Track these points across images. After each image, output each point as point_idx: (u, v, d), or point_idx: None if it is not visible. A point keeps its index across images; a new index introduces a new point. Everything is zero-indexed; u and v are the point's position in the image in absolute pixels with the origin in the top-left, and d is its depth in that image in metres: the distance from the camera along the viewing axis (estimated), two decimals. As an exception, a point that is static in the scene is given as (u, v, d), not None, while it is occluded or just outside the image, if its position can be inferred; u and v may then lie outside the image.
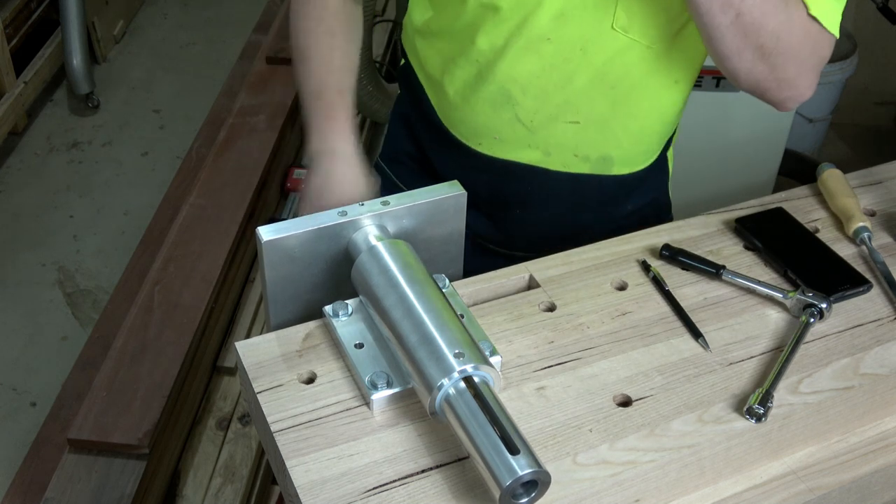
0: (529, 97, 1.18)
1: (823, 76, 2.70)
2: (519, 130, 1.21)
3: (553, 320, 1.01)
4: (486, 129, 1.23)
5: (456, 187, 1.03)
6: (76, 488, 1.76)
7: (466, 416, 0.81)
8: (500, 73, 1.16)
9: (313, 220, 0.97)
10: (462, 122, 1.25)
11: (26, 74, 3.08)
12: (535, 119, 1.19)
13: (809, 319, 1.01)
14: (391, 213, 1.00)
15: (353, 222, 0.98)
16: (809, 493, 0.87)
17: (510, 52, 1.14)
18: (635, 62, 1.15)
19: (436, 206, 1.03)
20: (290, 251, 0.96)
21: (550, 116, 1.19)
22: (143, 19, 3.85)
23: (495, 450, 0.77)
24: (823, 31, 1.05)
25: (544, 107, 1.18)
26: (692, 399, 0.93)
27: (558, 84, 1.16)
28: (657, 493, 0.85)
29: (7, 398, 2.31)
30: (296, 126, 2.96)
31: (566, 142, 1.21)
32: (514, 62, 1.15)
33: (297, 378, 0.92)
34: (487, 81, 1.18)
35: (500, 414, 0.80)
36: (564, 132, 1.20)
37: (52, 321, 2.52)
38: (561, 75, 1.15)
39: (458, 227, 1.06)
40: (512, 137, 1.21)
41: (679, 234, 1.15)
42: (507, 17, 1.12)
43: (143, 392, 1.89)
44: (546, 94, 1.17)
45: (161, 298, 2.13)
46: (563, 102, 1.17)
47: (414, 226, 1.02)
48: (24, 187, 2.98)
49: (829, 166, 1.23)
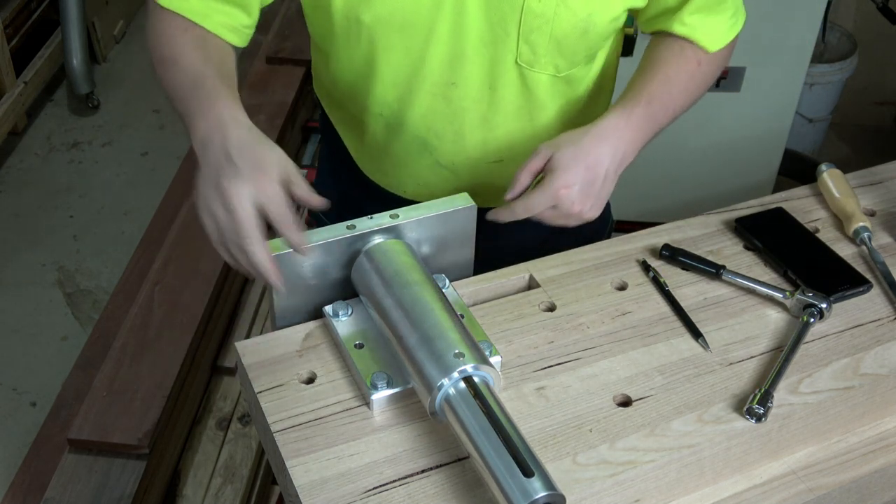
0: (447, 142, 1.14)
1: (823, 76, 2.72)
2: (442, 173, 1.17)
3: (553, 320, 1.01)
4: (409, 177, 1.20)
5: (465, 200, 1.01)
6: (76, 488, 1.76)
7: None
8: (411, 122, 1.13)
9: (320, 234, 0.96)
10: (384, 172, 1.21)
11: (26, 74, 3.08)
12: (456, 162, 1.16)
13: (809, 319, 1.01)
14: (400, 226, 0.99)
15: (360, 235, 0.97)
16: (809, 493, 0.87)
17: (416, 99, 1.10)
18: (548, 91, 1.10)
19: (445, 219, 1.01)
20: (298, 265, 0.95)
21: (472, 158, 1.15)
22: (143, 19, 3.84)
23: (509, 471, 0.76)
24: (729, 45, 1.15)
25: (464, 150, 1.14)
26: (692, 399, 0.93)
27: (473, 126, 1.12)
28: (657, 493, 0.85)
29: (7, 398, 2.31)
30: (296, 126, 2.96)
31: (492, 181, 1.17)
32: (423, 110, 1.11)
33: (297, 378, 0.92)
34: (400, 131, 1.14)
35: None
36: (489, 172, 1.17)
37: (52, 321, 2.52)
38: (474, 117, 1.11)
39: (469, 240, 1.04)
40: (436, 181, 1.18)
41: (679, 234, 1.15)
42: (396, 66, 1.08)
43: (143, 392, 1.89)
44: (463, 137, 1.13)
45: (161, 298, 2.13)
46: (482, 143, 1.14)
47: (423, 239, 1.01)
48: (24, 187, 2.98)
49: (829, 166, 1.23)
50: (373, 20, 1.04)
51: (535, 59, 1.06)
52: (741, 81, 2.37)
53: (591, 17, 1.03)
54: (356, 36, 1.07)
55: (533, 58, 1.06)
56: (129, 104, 3.37)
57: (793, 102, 2.45)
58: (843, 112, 2.98)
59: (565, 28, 1.03)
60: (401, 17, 1.03)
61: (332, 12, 1.05)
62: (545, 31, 1.03)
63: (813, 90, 2.74)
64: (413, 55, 1.07)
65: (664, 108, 1.10)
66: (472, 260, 1.07)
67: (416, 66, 1.07)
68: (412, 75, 1.08)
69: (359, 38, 1.07)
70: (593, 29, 1.04)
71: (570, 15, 1.02)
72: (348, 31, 1.07)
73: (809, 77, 2.63)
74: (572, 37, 1.04)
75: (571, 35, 1.04)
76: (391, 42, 1.06)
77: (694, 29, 1.10)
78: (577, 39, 1.05)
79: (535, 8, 1.01)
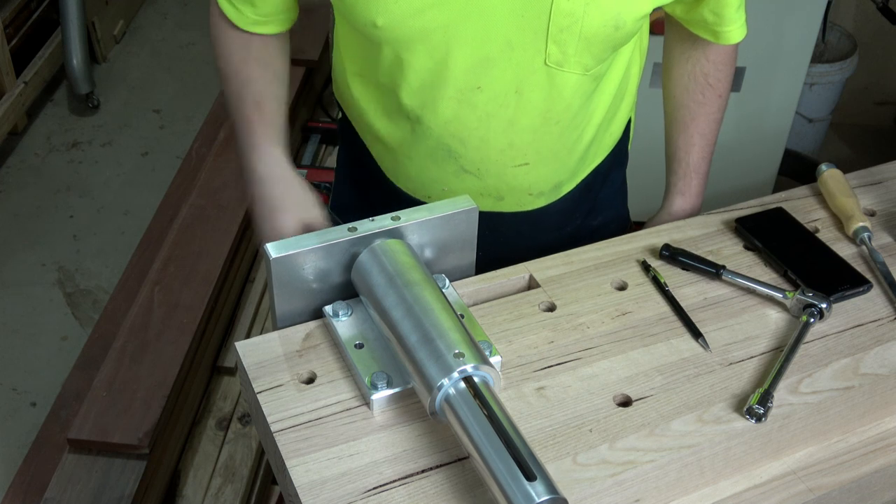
0: (471, 148, 1.13)
1: (823, 76, 2.72)
2: (468, 180, 1.17)
3: (553, 320, 1.01)
4: (432, 183, 1.19)
5: (467, 201, 1.01)
6: (76, 488, 1.76)
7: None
8: (436, 127, 1.11)
9: (322, 237, 0.95)
10: (408, 177, 1.21)
11: (26, 74, 3.08)
12: (481, 168, 1.15)
13: (809, 319, 1.01)
14: (402, 228, 0.98)
15: (362, 238, 0.97)
16: (809, 493, 0.87)
17: (440, 106, 1.09)
18: (575, 91, 1.10)
19: (447, 221, 1.00)
20: (299, 267, 0.95)
21: (497, 163, 1.15)
22: (143, 19, 3.85)
23: (511, 474, 0.76)
24: (735, 50, 1.26)
25: (489, 155, 1.14)
26: (692, 399, 0.93)
27: (499, 131, 1.11)
28: (657, 493, 0.85)
29: (7, 398, 2.31)
30: (296, 126, 2.96)
31: (518, 184, 1.18)
32: (448, 115, 1.10)
33: (297, 378, 0.92)
34: (425, 137, 1.13)
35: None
36: (515, 175, 1.16)
37: (52, 321, 2.52)
38: (500, 122, 1.10)
39: (470, 242, 1.04)
40: (461, 188, 1.17)
41: (679, 234, 1.15)
42: (420, 71, 1.07)
43: (143, 392, 1.89)
44: (487, 142, 1.12)
45: (161, 298, 2.13)
46: (508, 147, 1.13)
47: (425, 241, 1.01)
48: (24, 187, 2.98)
49: (829, 166, 1.23)
50: (387, 24, 1.02)
51: (565, 59, 1.05)
52: (741, 81, 2.37)
53: (620, 16, 1.02)
54: (377, 42, 1.06)
55: (562, 58, 1.05)
56: (129, 104, 3.37)
57: (793, 102, 2.45)
58: (843, 112, 2.98)
59: (595, 26, 1.02)
60: (418, 22, 1.01)
61: (349, 18, 1.05)
62: (575, 30, 1.02)
63: (813, 90, 2.74)
64: (436, 60, 1.05)
65: (706, 159, 1.29)
66: (474, 262, 1.06)
67: (440, 72, 1.06)
68: (436, 81, 1.07)
69: (379, 44, 1.06)
70: (622, 27, 1.03)
71: (600, 13, 1.01)
72: (368, 37, 1.06)
73: (809, 77, 2.63)
74: (601, 35, 1.03)
75: (601, 33, 1.03)
76: (413, 48, 1.04)
77: (721, 18, 1.15)
78: (607, 37, 1.04)
79: (565, 7, 1.00)
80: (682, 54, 1.25)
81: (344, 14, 1.06)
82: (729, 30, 1.17)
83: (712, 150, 1.30)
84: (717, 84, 1.25)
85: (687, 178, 1.29)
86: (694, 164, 1.28)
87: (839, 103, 2.87)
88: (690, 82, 1.25)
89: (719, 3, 1.14)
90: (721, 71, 1.24)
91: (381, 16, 1.01)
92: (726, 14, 1.15)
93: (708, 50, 1.22)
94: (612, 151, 1.27)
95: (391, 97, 1.12)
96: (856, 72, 2.79)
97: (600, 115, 1.18)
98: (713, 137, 1.29)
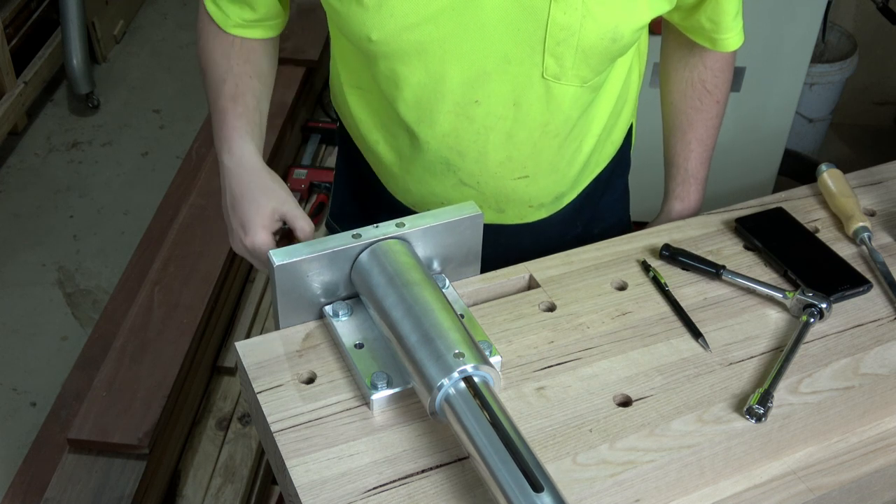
0: (470, 162, 1.12)
1: (823, 76, 2.72)
2: (467, 193, 1.16)
3: (553, 320, 1.01)
4: (432, 196, 1.18)
5: (472, 208, 1.00)
6: (76, 488, 1.76)
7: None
8: (433, 141, 1.11)
9: (326, 244, 0.95)
10: (407, 190, 1.20)
11: (26, 74, 3.08)
12: (480, 181, 1.14)
13: (809, 319, 1.01)
14: (406, 235, 0.98)
15: (365, 245, 0.96)
16: (809, 493, 0.87)
17: (438, 119, 1.08)
18: (573, 103, 1.09)
19: (452, 228, 1.00)
20: (303, 275, 0.95)
21: (496, 176, 1.14)
22: (143, 19, 3.85)
23: (518, 486, 0.76)
24: (733, 58, 1.26)
25: (488, 168, 1.13)
26: (692, 399, 0.93)
27: (497, 144, 1.10)
28: (657, 493, 0.85)
29: (7, 398, 2.31)
30: (296, 126, 2.96)
31: (518, 197, 1.17)
32: (446, 129, 1.09)
33: (297, 378, 0.92)
34: (423, 150, 1.12)
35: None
36: (515, 188, 1.16)
37: (52, 321, 2.52)
38: (498, 135, 1.09)
39: (475, 249, 1.04)
40: (461, 199, 1.15)
41: (679, 234, 1.15)
42: (416, 86, 1.06)
43: (143, 392, 1.89)
44: (486, 156, 1.11)
45: (161, 298, 2.13)
46: (507, 160, 1.12)
47: (429, 248, 1.00)
48: (24, 187, 2.98)
49: (829, 166, 1.23)
50: (382, 39, 1.01)
51: (562, 71, 1.04)
52: (741, 81, 2.37)
53: (617, 28, 1.01)
54: (372, 57, 1.05)
55: (560, 71, 1.04)
56: (129, 104, 3.37)
57: (793, 102, 2.45)
58: (843, 112, 2.98)
59: (592, 39, 1.01)
60: (413, 37, 1.01)
61: (344, 32, 1.05)
62: (571, 43, 1.01)
63: (813, 90, 2.74)
64: (433, 75, 1.04)
65: (704, 165, 1.29)
66: (479, 269, 1.06)
67: (437, 86, 1.05)
68: (433, 95, 1.06)
69: (374, 58, 1.05)
70: (620, 39, 1.03)
71: (597, 26, 1.00)
72: (363, 52, 1.05)
73: (809, 77, 2.63)
74: (599, 48, 1.03)
75: (598, 46, 1.02)
76: (408, 62, 1.04)
77: (718, 25, 1.16)
78: (604, 50, 1.03)
79: (561, 20, 0.99)
80: (679, 60, 1.25)
81: (339, 27, 1.06)
82: (726, 37, 1.17)
83: (711, 155, 1.30)
84: (714, 90, 1.24)
85: (685, 183, 1.29)
86: (692, 170, 1.28)
87: (839, 103, 2.87)
88: (688, 88, 1.25)
89: (717, 10, 1.14)
90: (719, 77, 1.24)
91: (376, 30, 1.00)
92: (723, 22, 1.15)
93: (706, 56, 1.22)
94: (613, 159, 1.27)
95: (388, 110, 1.12)
96: (856, 72, 2.79)
97: (600, 124, 1.17)
98: (711, 143, 1.29)
